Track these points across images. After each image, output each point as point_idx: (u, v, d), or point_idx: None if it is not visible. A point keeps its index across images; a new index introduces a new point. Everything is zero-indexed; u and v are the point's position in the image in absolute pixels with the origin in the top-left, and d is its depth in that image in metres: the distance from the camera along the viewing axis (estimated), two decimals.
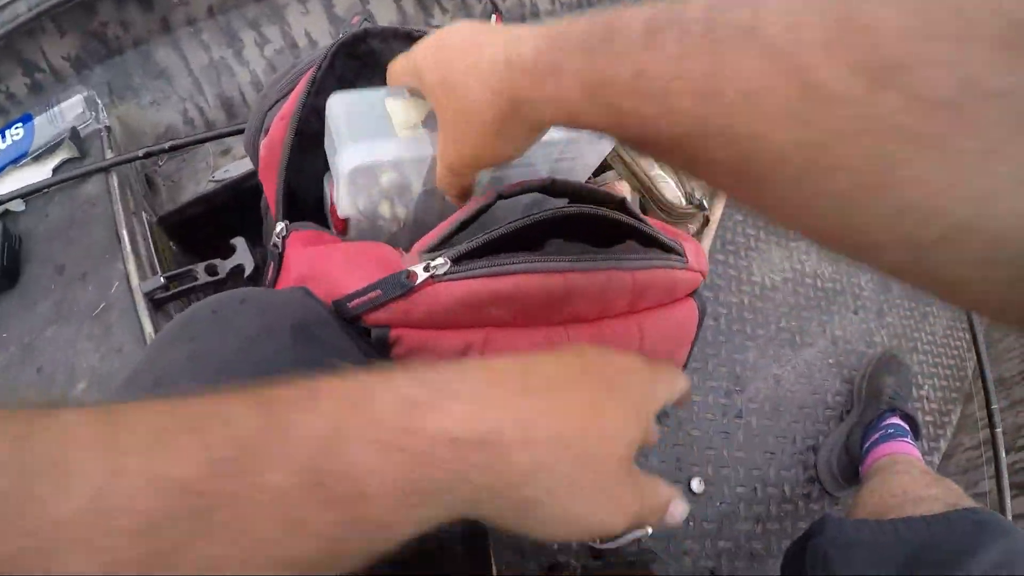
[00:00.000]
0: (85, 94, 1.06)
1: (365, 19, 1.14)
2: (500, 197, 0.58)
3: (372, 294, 0.50)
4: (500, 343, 0.53)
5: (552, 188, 0.60)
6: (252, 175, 1.08)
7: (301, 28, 1.28)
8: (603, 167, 1.07)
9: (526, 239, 0.54)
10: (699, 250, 0.65)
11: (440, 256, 0.51)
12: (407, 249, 0.57)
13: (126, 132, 1.14)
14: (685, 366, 0.68)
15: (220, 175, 1.11)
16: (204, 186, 1.11)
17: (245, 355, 0.42)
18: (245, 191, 1.09)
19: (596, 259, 0.55)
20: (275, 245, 0.69)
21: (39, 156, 1.02)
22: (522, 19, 1.47)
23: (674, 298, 0.62)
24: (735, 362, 1.35)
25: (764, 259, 1.53)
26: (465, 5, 1.37)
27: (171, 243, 1.11)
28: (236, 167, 1.12)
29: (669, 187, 0.99)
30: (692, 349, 0.68)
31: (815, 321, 1.49)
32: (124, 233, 0.92)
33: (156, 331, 0.83)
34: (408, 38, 0.75)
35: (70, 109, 1.05)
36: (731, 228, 1.52)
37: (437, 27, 1.13)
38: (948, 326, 1.69)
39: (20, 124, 1.03)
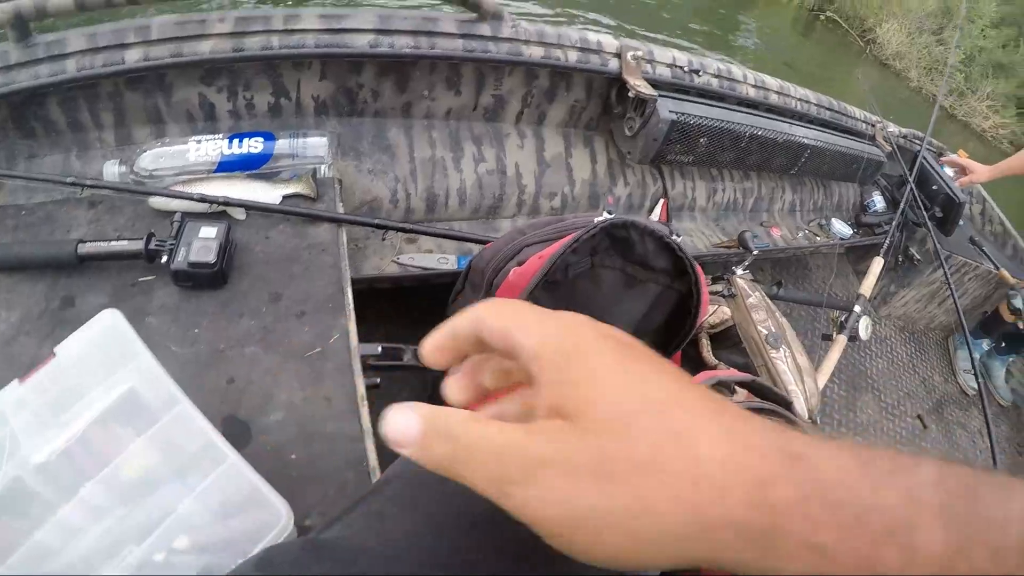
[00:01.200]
0: (328, 137, 1.18)
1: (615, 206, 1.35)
2: (719, 383, 0.72)
3: None
4: None
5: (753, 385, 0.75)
6: (444, 275, 1.23)
7: (513, 159, 1.46)
8: (733, 340, 1.25)
9: None
10: None
11: None
12: None
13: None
14: None
15: (404, 259, 1.25)
16: (387, 264, 1.24)
17: None
18: (435, 287, 1.22)
19: None
20: None
21: (270, 177, 1.15)
22: (681, 209, 1.66)
23: None
24: None
25: None
26: (643, 183, 1.56)
27: None
28: (420, 259, 1.26)
29: (799, 402, 1.14)
30: None
31: None
32: (349, 291, 1.01)
33: (366, 395, 0.89)
34: (659, 242, 0.92)
35: (315, 147, 1.16)
36: None
37: (666, 225, 1.34)
38: None
39: (261, 139, 1.15)
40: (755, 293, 1.30)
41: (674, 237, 0.96)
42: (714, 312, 1.28)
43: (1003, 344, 2.78)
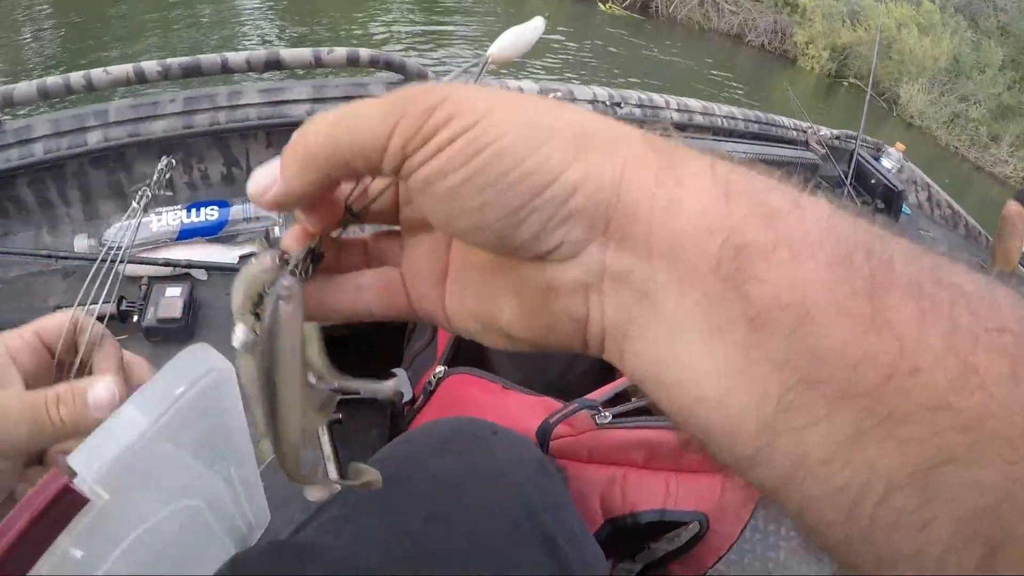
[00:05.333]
0: None
1: None
2: None
3: (573, 406, 0.79)
4: (633, 480, 0.80)
5: None
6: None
7: None
8: None
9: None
10: None
11: (606, 411, 0.79)
12: None
13: None
14: (744, 529, 0.94)
15: None
16: None
17: (506, 474, 0.59)
18: (391, 327, 1.37)
19: None
20: (430, 383, 0.98)
21: (227, 239, 1.32)
22: None
23: None
24: (767, 559, 1.53)
25: None
26: None
27: None
28: None
29: None
30: (753, 512, 0.94)
31: None
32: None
33: (326, 425, 1.02)
34: None
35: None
36: None
37: None
38: None
39: (216, 207, 1.33)
40: None
41: None
42: None
43: None
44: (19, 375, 0.40)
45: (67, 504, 0.31)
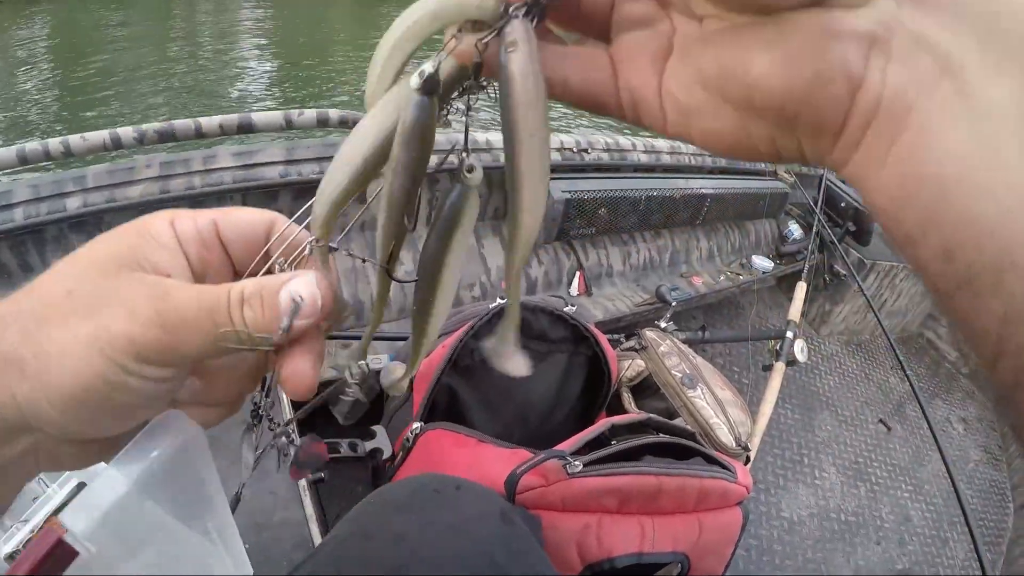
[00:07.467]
0: None
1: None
2: (613, 427, 0.92)
3: (540, 456, 0.82)
4: (608, 526, 0.82)
5: (649, 423, 0.94)
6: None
7: None
8: (653, 389, 1.44)
9: (629, 453, 0.86)
10: (745, 471, 0.96)
11: (577, 460, 0.82)
12: None
13: None
14: (727, 567, 0.96)
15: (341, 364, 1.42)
16: (324, 370, 1.41)
17: (468, 528, 0.61)
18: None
19: (679, 468, 0.86)
20: (408, 439, 1.01)
21: None
22: (599, 277, 1.89)
23: (726, 504, 0.93)
24: None
25: (792, 496, 1.82)
26: (557, 259, 1.80)
27: None
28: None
29: (723, 432, 1.32)
30: (735, 550, 0.96)
31: (839, 552, 1.75)
32: (284, 396, 1.18)
33: (308, 486, 1.07)
34: (551, 315, 1.12)
35: None
36: (763, 468, 1.82)
37: (560, 298, 1.61)
38: (968, 551, 1.98)
39: None
40: (666, 341, 1.51)
41: (566, 308, 1.17)
42: (629, 366, 1.49)
43: None
44: (189, 269, 0.32)
45: (59, 558, 0.34)
